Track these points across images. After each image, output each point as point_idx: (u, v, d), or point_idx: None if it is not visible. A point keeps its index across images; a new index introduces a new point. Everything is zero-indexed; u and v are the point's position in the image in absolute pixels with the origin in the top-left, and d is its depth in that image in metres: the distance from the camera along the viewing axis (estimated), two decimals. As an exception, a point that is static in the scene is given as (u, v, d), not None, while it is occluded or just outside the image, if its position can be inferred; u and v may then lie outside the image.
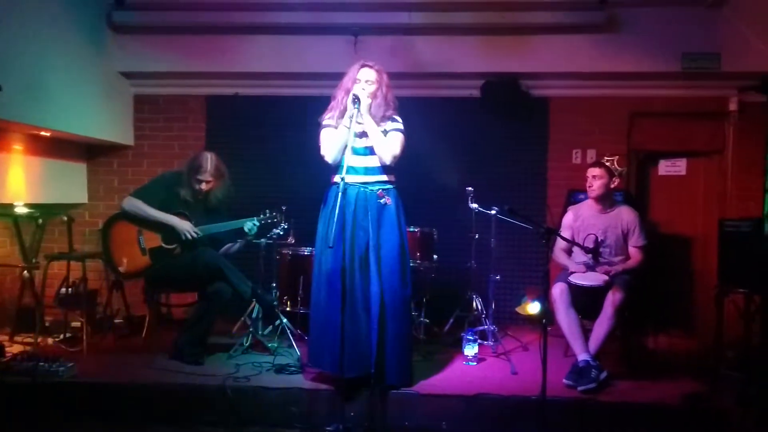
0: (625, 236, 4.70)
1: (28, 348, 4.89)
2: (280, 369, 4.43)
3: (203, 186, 4.77)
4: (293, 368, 4.43)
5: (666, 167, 6.32)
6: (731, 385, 4.15)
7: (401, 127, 4.18)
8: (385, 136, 4.12)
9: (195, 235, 4.66)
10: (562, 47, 5.82)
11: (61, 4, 5.19)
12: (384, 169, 4.16)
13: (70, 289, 5.43)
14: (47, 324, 5.34)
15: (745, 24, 5.63)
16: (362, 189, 4.10)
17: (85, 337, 4.95)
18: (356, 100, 3.97)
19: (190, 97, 6.39)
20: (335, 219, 3.73)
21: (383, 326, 4.03)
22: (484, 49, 5.87)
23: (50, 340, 5.18)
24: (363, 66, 4.18)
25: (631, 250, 4.69)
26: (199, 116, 6.39)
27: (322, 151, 4.15)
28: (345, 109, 4.06)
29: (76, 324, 5.34)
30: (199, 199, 4.82)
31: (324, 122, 4.21)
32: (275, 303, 5.02)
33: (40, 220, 5.37)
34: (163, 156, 6.36)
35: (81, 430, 3.95)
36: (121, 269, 4.73)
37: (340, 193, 3.70)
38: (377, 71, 4.17)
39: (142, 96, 6.39)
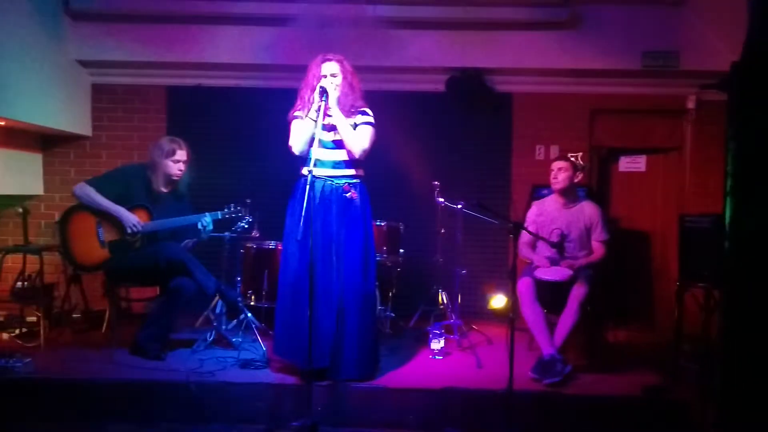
0: (588, 231, 4.76)
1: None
2: (245, 364, 4.38)
3: (182, 167, 4.70)
4: (258, 363, 4.38)
5: (626, 163, 6.43)
6: (691, 377, 4.26)
7: (371, 120, 4.18)
8: (354, 129, 4.11)
9: (138, 228, 4.53)
10: (525, 43, 5.87)
11: (18, -10, 5.04)
12: (352, 163, 4.15)
13: (26, 283, 5.28)
14: (1, 319, 5.20)
15: (703, 23, 5.75)
16: (328, 182, 4.08)
17: (42, 332, 4.82)
18: (323, 92, 3.94)
19: (151, 87, 6.25)
20: (303, 212, 3.70)
21: (344, 320, 4.05)
22: (448, 44, 5.89)
23: (5, 335, 5.05)
24: (324, 60, 4.16)
25: (594, 244, 4.76)
26: (159, 107, 6.25)
27: (290, 142, 4.12)
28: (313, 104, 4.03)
29: (32, 319, 5.22)
30: (166, 192, 4.73)
31: (294, 114, 4.16)
32: (239, 299, 4.95)
33: (-6, 212, 5.24)
34: (123, 147, 6.21)
35: (39, 427, 3.85)
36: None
37: (307, 186, 3.67)
38: (338, 61, 4.16)
39: (101, 85, 6.23)
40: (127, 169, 4.93)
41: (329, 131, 4.10)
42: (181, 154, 4.69)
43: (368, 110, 4.22)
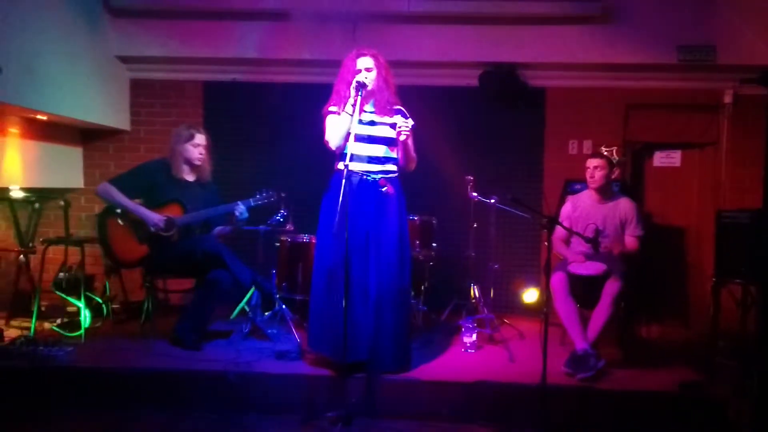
0: (623, 226, 4.74)
1: (25, 332, 4.86)
2: (280, 355, 4.43)
3: (202, 151, 4.76)
4: (293, 354, 4.43)
5: (661, 159, 6.36)
6: (727, 374, 4.22)
7: (412, 123, 4.21)
8: (395, 129, 4.15)
9: (161, 227, 4.58)
10: (559, 38, 5.85)
11: (58, -14, 5.16)
12: (388, 158, 4.19)
13: (67, 274, 5.40)
14: (43, 309, 5.32)
15: (739, 17, 5.68)
16: (365, 177, 4.11)
17: (82, 322, 4.93)
18: (360, 87, 3.97)
19: (188, 82, 6.34)
20: (338, 206, 3.74)
21: (380, 314, 4.07)
22: (482, 39, 5.89)
23: (47, 325, 5.15)
24: (359, 55, 4.18)
25: (628, 239, 4.73)
26: (196, 102, 6.35)
27: (326, 137, 4.15)
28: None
29: (72, 309, 5.33)
30: (192, 181, 4.80)
31: (329, 109, 4.20)
32: (274, 291, 5.01)
33: (37, 204, 5.36)
34: (160, 141, 6.26)
35: (81, 414, 3.93)
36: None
37: (343, 181, 3.71)
38: (373, 56, 4.18)
39: (139, 80, 6.34)
40: (149, 164, 4.97)
41: (365, 126, 4.13)
42: (201, 138, 4.76)
43: (404, 110, 4.26)
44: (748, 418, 3.61)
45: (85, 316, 5.01)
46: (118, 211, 4.66)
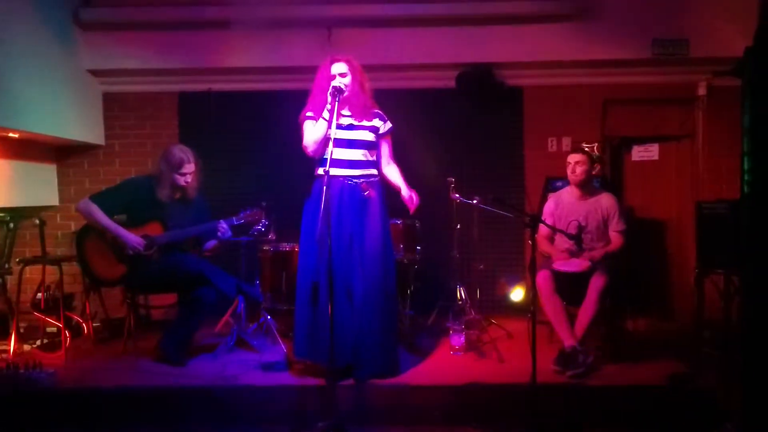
0: (606, 222, 4.75)
1: (3, 355, 4.77)
2: (267, 366, 4.38)
3: (188, 179, 4.67)
4: (280, 365, 4.39)
5: (639, 152, 6.40)
6: (713, 364, 4.24)
7: (391, 125, 4.24)
8: (376, 135, 4.19)
9: (140, 250, 4.50)
10: (534, 36, 5.87)
11: (27, 1, 5.07)
12: (368, 162, 4.17)
13: (45, 294, 5.30)
14: (22, 330, 5.21)
15: (711, 9, 5.74)
16: (346, 182, 4.09)
17: (63, 342, 4.84)
18: (336, 92, 3.93)
19: (162, 93, 6.27)
20: (320, 212, 3.70)
21: (367, 319, 4.05)
22: (458, 40, 5.89)
23: (26, 347, 5.06)
24: (333, 61, 4.16)
25: (612, 234, 4.74)
26: (171, 113, 6.27)
27: (304, 143, 4.12)
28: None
29: (52, 329, 5.23)
30: (176, 198, 4.73)
31: (306, 115, 4.17)
32: (261, 298, 4.97)
33: (12, 224, 5.25)
34: (136, 155, 6.24)
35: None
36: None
37: (324, 187, 3.68)
38: (347, 61, 4.16)
39: (112, 94, 6.26)
40: (133, 181, 4.90)
41: (344, 131, 4.09)
42: (189, 167, 4.65)
43: (380, 111, 4.27)
44: (735, 407, 3.62)
45: (65, 336, 4.91)
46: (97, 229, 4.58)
